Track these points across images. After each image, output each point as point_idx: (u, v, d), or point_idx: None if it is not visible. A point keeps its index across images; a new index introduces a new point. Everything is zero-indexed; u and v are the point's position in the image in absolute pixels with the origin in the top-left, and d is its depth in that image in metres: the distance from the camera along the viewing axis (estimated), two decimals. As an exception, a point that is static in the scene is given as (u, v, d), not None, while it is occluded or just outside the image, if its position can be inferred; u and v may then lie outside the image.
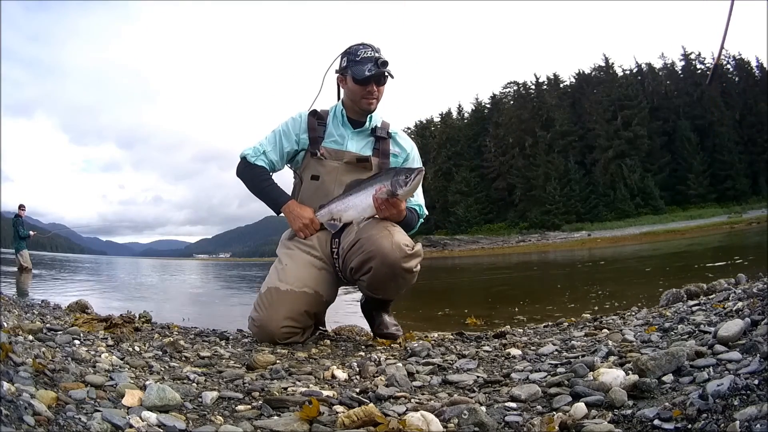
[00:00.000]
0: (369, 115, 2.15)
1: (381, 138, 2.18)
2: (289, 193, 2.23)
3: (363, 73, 2.01)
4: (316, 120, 2.18)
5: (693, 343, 1.32)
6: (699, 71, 45.59)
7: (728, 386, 0.85)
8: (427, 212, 2.25)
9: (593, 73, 48.88)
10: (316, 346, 1.95)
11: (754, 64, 43.41)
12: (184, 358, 1.59)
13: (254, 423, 0.96)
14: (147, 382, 1.12)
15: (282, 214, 2.15)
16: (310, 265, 2.02)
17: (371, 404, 1.02)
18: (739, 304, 1.80)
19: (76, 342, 1.57)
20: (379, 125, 2.20)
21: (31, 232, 10.62)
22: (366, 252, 1.86)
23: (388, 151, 2.19)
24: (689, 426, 0.79)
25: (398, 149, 2.22)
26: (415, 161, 2.26)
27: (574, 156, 45.61)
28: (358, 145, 2.17)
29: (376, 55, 2.05)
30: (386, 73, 2.05)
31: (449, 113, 57.40)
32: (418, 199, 2.20)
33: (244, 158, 2.16)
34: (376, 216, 1.93)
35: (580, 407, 0.94)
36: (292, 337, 1.91)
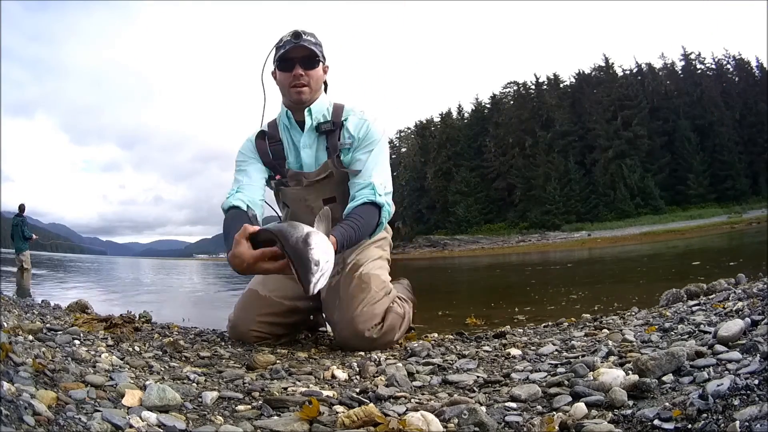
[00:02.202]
0: (307, 109, 1.84)
1: (329, 132, 1.85)
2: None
3: (276, 57, 1.77)
4: (267, 142, 1.92)
5: (693, 343, 1.32)
6: (699, 71, 45.59)
7: (728, 386, 0.85)
8: (384, 197, 1.77)
9: (593, 73, 48.89)
10: (316, 346, 1.95)
11: (754, 64, 43.46)
12: (184, 358, 1.58)
13: (254, 423, 0.96)
14: (147, 382, 1.12)
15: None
16: (294, 299, 1.90)
17: (371, 404, 1.02)
18: (739, 304, 1.80)
19: (76, 342, 1.57)
20: (327, 117, 1.87)
21: (34, 235, 10.58)
22: (336, 327, 1.82)
23: (337, 146, 1.85)
24: (689, 426, 0.79)
25: (347, 137, 1.86)
26: (365, 143, 1.84)
27: (574, 156, 45.61)
28: (311, 152, 1.88)
29: (298, 30, 1.77)
30: (304, 45, 1.74)
31: (449, 113, 57.41)
32: (369, 173, 1.78)
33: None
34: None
35: (580, 407, 0.94)
36: (263, 341, 1.90)
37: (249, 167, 1.91)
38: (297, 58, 1.78)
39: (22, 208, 10.78)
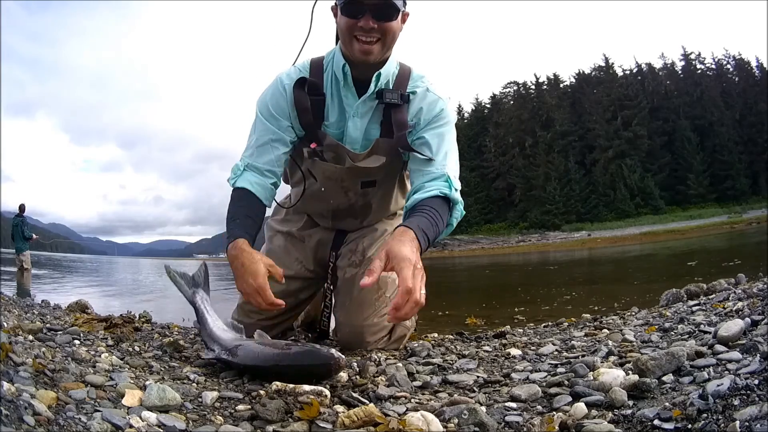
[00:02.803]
0: (377, 73, 1.47)
1: (392, 105, 1.50)
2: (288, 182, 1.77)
3: (343, 4, 1.37)
4: (307, 92, 1.51)
5: (693, 343, 1.32)
6: (699, 71, 45.62)
7: (728, 386, 0.85)
8: (458, 192, 1.48)
9: (593, 73, 48.97)
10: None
11: (754, 64, 43.53)
12: (184, 358, 1.58)
13: (254, 423, 0.97)
14: (147, 382, 1.12)
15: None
16: (293, 279, 1.77)
17: (371, 404, 1.02)
18: (739, 304, 1.80)
19: (76, 342, 1.57)
20: (392, 82, 1.52)
21: (34, 235, 10.58)
22: (342, 329, 1.76)
23: (404, 120, 1.49)
24: (689, 426, 0.79)
25: (414, 113, 1.53)
26: (436, 122, 1.53)
27: (574, 156, 45.67)
28: (361, 125, 1.54)
29: None
30: (379, 3, 1.33)
31: (449, 113, 57.36)
32: (443, 161, 1.48)
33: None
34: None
35: (580, 407, 0.94)
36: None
37: (271, 134, 1.54)
38: (370, 4, 1.36)
39: (22, 208, 10.78)
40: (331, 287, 1.82)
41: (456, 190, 1.47)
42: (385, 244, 1.26)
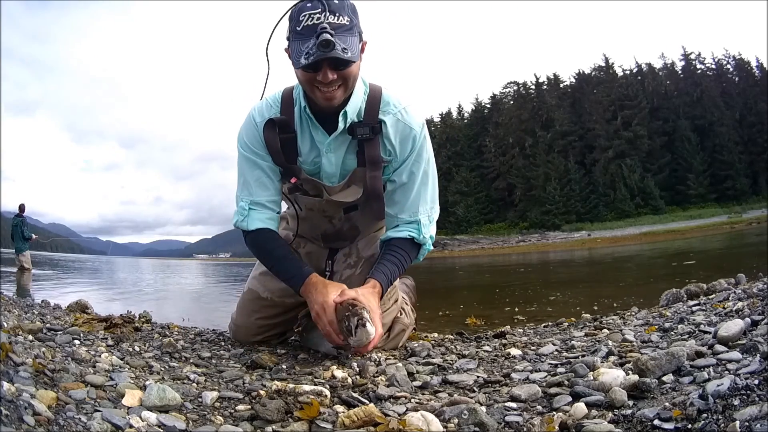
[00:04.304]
0: (342, 112, 1.47)
1: (365, 140, 1.53)
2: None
3: (299, 59, 1.33)
4: (278, 132, 1.53)
5: (693, 343, 1.32)
6: (699, 71, 45.62)
7: (728, 386, 0.85)
8: (430, 233, 1.66)
9: (593, 73, 48.94)
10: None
11: (754, 64, 43.51)
12: (184, 358, 1.58)
13: (254, 423, 0.97)
14: (147, 382, 1.12)
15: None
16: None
17: (371, 404, 1.03)
18: (739, 304, 1.80)
19: (76, 342, 1.57)
20: (360, 116, 1.53)
21: (34, 236, 10.58)
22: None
23: (377, 157, 1.53)
24: (689, 426, 0.79)
25: (389, 151, 1.57)
26: (409, 158, 1.58)
27: (574, 156, 45.65)
28: (336, 161, 1.57)
29: (320, 20, 1.30)
30: (336, 53, 1.29)
31: (449, 113, 57.49)
32: (415, 207, 1.62)
33: (240, 229, 1.67)
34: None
35: (580, 407, 0.94)
36: (266, 340, 1.89)
37: (260, 169, 1.60)
38: (326, 59, 1.33)
39: (22, 208, 10.78)
40: None
41: (425, 236, 1.64)
42: (359, 289, 1.50)
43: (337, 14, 1.33)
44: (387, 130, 1.54)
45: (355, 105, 1.51)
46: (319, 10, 1.32)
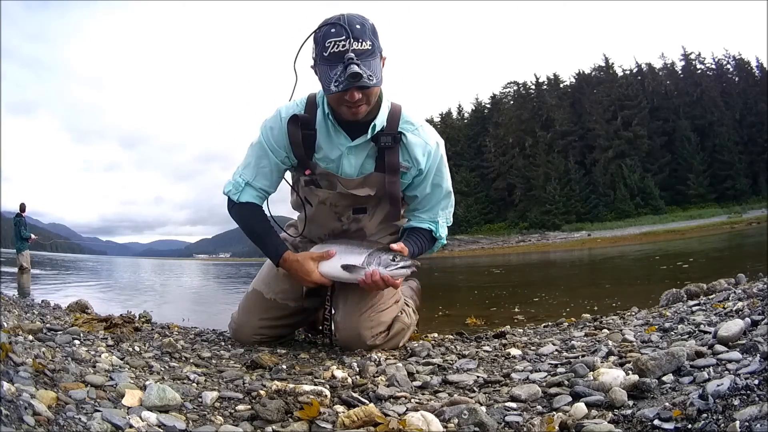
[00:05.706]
0: (372, 125, 1.61)
1: (386, 148, 1.65)
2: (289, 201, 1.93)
3: (329, 86, 1.46)
4: (300, 129, 1.65)
5: (693, 343, 1.32)
6: (699, 71, 45.61)
7: (728, 386, 0.85)
8: (445, 233, 1.87)
9: (593, 73, 48.90)
10: (317, 346, 1.95)
11: (754, 64, 43.47)
12: (184, 358, 1.59)
13: (254, 423, 0.97)
14: (147, 382, 1.12)
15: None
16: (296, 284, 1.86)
17: (371, 404, 1.02)
18: (739, 304, 1.80)
19: (76, 342, 1.57)
20: (384, 125, 1.65)
21: (33, 236, 10.57)
22: (340, 326, 1.80)
23: (396, 165, 1.66)
24: (689, 426, 0.79)
25: (407, 159, 1.69)
26: (430, 176, 1.74)
27: (574, 156, 45.63)
28: (356, 162, 1.68)
29: (345, 48, 1.41)
30: (361, 85, 1.43)
31: (449, 113, 57.47)
32: (436, 211, 1.83)
33: (228, 197, 1.79)
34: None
35: (580, 407, 0.94)
36: (266, 342, 1.89)
37: (268, 159, 1.72)
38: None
39: (22, 207, 10.77)
40: (330, 293, 1.88)
41: (442, 235, 1.87)
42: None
43: (361, 40, 1.43)
44: (407, 140, 1.68)
45: (383, 119, 1.65)
46: (344, 37, 1.42)
